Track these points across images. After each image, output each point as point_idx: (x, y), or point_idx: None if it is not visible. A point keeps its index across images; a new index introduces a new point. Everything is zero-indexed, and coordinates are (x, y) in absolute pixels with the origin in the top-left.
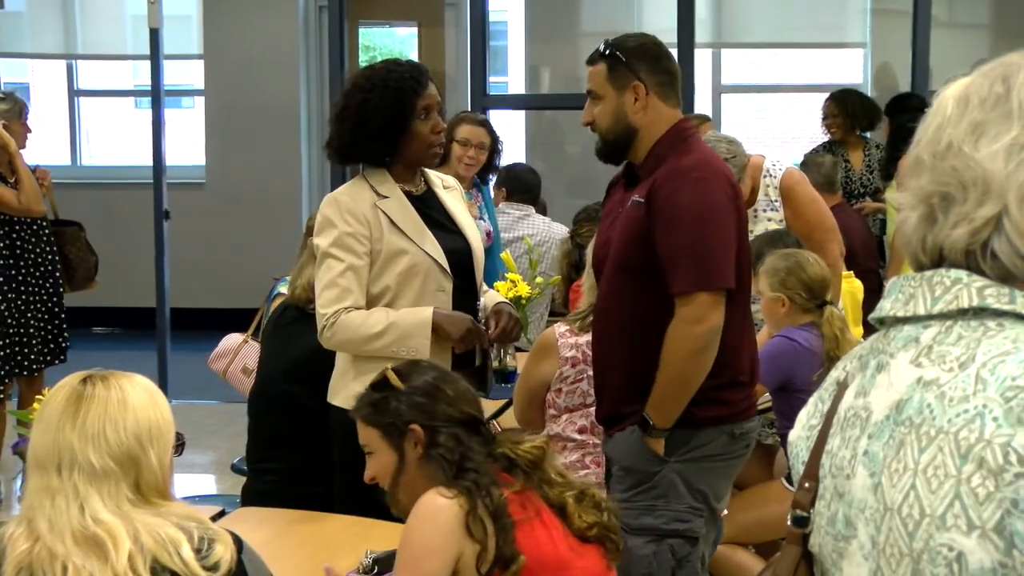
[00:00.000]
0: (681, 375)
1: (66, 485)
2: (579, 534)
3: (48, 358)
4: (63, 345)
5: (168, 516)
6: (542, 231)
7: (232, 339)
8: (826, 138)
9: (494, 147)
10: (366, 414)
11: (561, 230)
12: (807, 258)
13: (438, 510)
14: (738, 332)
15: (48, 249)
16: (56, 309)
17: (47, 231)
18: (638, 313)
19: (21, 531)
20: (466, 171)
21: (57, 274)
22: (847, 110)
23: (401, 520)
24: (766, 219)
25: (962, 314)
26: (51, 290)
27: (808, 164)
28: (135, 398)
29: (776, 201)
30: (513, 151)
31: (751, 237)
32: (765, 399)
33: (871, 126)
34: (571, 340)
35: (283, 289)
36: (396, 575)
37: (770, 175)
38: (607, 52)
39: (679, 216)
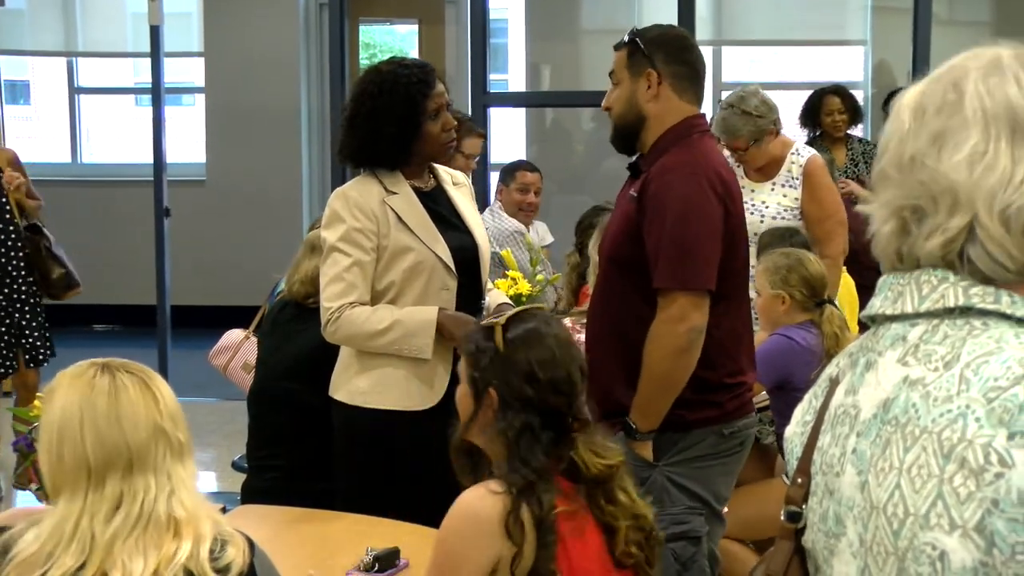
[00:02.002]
0: (662, 375)
1: (159, 474)
2: (619, 558)
3: (14, 363)
4: (42, 350)
5: (202, 505)
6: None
7: (233, 335)
8: (804, 135)
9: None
10: (469, 349)
11: (516, 224)
12: (808, 256)
13: (479, 510)
14: (732, 331)
15: (13, 254)
16: (23, 314)
17: (13, 235)
18: (627, 308)
19: (33, 551)
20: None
21: (31, 279)
22: (854, 106)
23: (402, 516)
24: (782, 193)
25: (948, 313)
26: (15, 296)
27: None
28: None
29: (797, 179)
30: (513, 149)
31: (763, 207)
32: (763, 397)
33: (860, 122)
34: (575, 337)
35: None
36: (429, 571)
37: (798, 154)
38: (630, 38)
39: (664, 212)
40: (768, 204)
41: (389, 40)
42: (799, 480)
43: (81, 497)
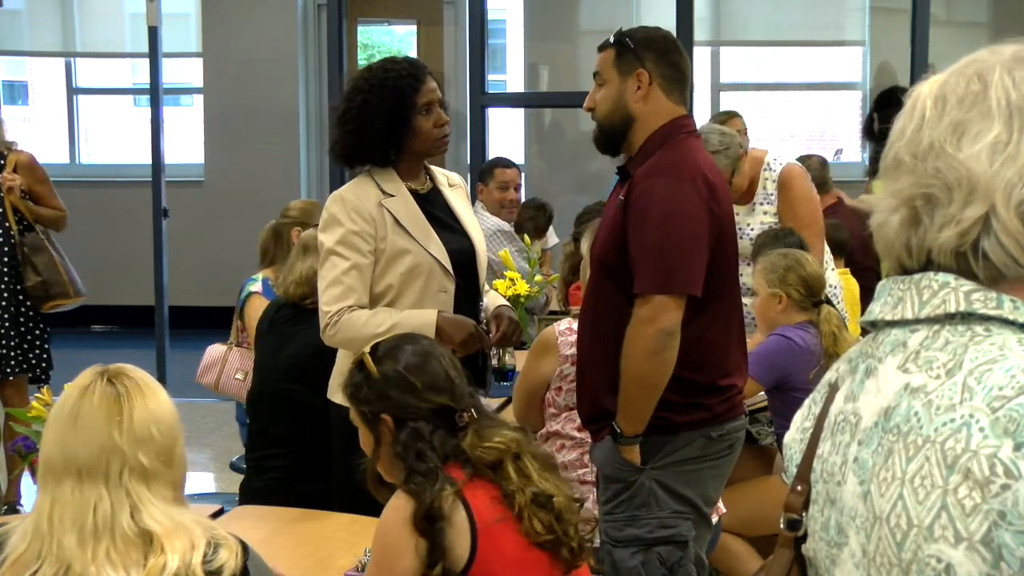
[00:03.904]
0: (638, 377)
1: (115, 491)
2: (530, 537)
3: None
4: (11, 363)
5: (187, 515)
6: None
7: (215, 350)
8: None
9: None
10: (349, 394)
11: (497, 223)
12: (805, 256)
13: (396, 511)
14: (721, 333)
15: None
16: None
17: (0, 238)
18: (615, 314)
19: (24, 548)
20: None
21: (17, 287)
22: None
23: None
24: (763, 212)
25: (949, 319)
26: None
27: None
28: (160, 393)
29: (772, 195)
30: (511, 149)
31: (748, 229)
32: (760, 398)
33: None
34: (571, 338)
35: (252, 288)
36: (368, 573)
37: (770, 168)
38: (617, 40)
39: (647, 216)
40: (752, 225)
41: (387, 41)
42: (799, 487)
43: (49, 493)
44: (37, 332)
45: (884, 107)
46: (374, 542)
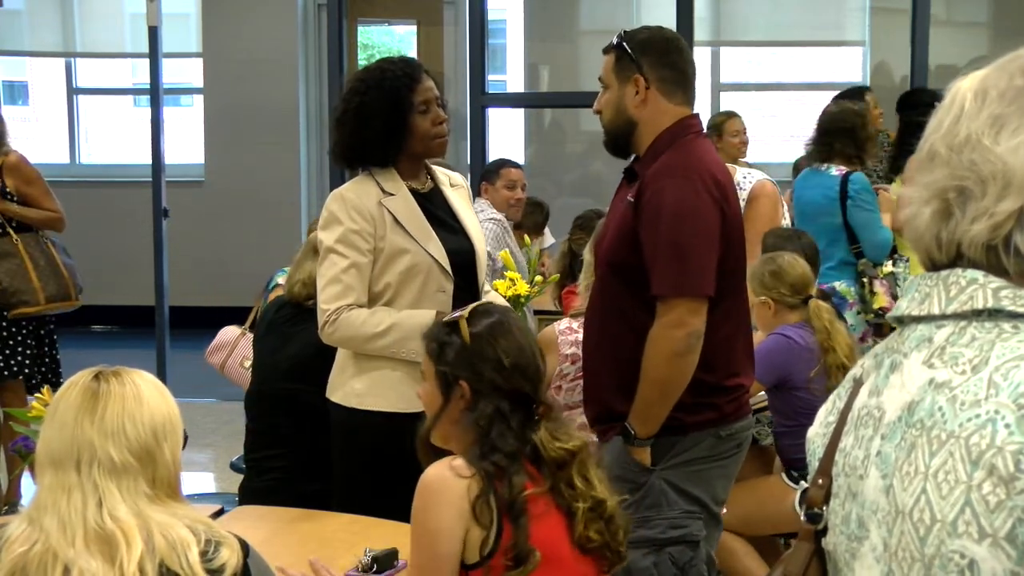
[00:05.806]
0: (661, 380)
1: (85, 482)
2: (579, 543)
3: None
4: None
5: (178, 516)
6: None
7: (229, 332)
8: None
9: None
10: (430, 348)
11: (492, 215)
12: (787, 260)
13: (446, 488)
14: (730, 333)
15: None
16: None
17: None
18: (625, 314)
19: (22, 531)
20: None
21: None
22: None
23: (399, 517)
24: None
25: (976, 315)
26: None
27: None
28: (148, 393)
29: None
30: (511, 149)
31: None
32: (760, 398)
33: None
34: (571, 337)
35: (280, 279)
36: (412, 555)
37: (741, 187)
38: (617, 42)
39: (660, 217)
40: None
41: (387, 41)
42: (820, 481)
43: (39, 480)
44: (42, 333)
45: (909, 108)
46: (415, 519)
